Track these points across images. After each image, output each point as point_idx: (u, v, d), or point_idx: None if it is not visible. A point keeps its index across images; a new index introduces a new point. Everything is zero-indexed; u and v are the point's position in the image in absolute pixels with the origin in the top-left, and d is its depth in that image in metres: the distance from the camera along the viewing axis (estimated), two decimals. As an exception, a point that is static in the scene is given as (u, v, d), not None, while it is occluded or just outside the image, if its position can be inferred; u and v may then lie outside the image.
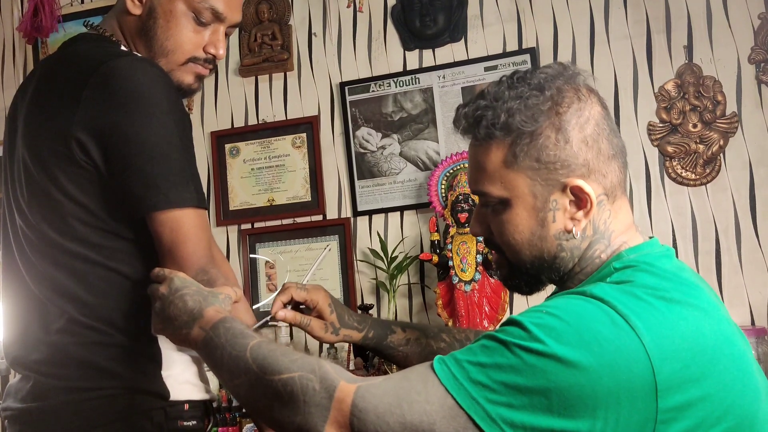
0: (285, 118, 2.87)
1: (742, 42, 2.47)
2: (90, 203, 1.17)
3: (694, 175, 2.47)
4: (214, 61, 1.31)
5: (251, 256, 2.83)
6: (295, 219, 2.82)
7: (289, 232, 2.82)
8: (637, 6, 2.57)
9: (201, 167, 1.24)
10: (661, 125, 2.51)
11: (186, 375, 1.23)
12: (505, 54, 2.66)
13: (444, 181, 2.57)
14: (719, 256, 2.44)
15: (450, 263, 2.45)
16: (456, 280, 2.43)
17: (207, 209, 1.20)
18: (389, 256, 2.61)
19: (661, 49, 2.54)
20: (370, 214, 2.75)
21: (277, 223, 2.84)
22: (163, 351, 1.20)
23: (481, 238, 2.37)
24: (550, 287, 1.10)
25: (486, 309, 2.41)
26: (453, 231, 2.49)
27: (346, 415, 0.91)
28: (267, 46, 2.88)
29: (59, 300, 1.18)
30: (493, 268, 1.78)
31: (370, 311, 2.57)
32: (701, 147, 2.46)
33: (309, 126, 2.83)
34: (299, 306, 1.30)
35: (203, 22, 1.27)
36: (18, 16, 3.14)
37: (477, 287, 2.42)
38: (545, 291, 1.10)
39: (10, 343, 1.26)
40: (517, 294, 2.53)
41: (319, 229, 2.79)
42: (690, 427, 0.87)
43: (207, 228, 1.18)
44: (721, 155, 2.45)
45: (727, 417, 0.89)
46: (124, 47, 1.28)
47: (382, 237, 2.69)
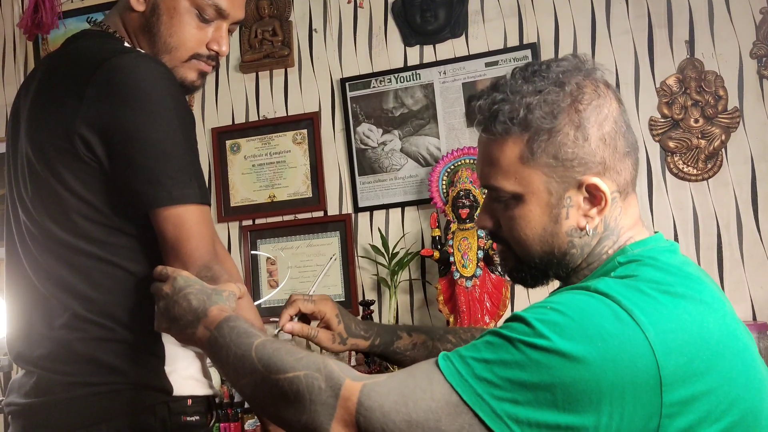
0: (286, 114, 2.86)
1: (743, 37, 2.46)
2: (93, 199, 1.17)
3: (695, 170, 2.46)
4: (217, 58, 1.31)
5: (252, 252, 2.83)
6: (296, 215, 2.82)
7: (290, 229, 2.82)
8: (639, 1, 2.56)
9: (202, 164, 1.24)
10: (662, 120, 2.51)
11: (189, 370, 1.24)
12: (507, 49, 2.65)
13: (445, 177, 2.57)
14: (721, 251, 2.44)
15: (451, 259, 2.45)
16: (457, 275, 2.43)
17: (210, 205, 1.20)
18: (390, 252, 2.61)
19: (663, 44, 2.53)
20: (371, 210, 2.75)
21: (278, 219, 2.84)
22: (167, 346, 1.21)
23: (482, 233, 2.40)
24: (555, 281, 1.10)
25: (487, 305, 2.41)
26: (454, 227, 2.48)
27: (352, 413, 0.91)
28: (267, 42, 2.87)
29: (63, 296, 1.19)
30: (498, 259, 1.77)
31: (371, 307, 2.57)
32: (703, 142, 2.46)
33: (310, 122, 2.82)
34: (306, 317, 1.31)
35: (206, 18, 1.27)
36: (18, 12, 3.14)
37: (478, 283, 2.41)
38: (548, 285, 1.09)
39: (14, 339, 1.26)
40: (519, 289, 2.57)
41: (320, 225, 2.79)
42: (695, 421, 0.87)
43: (210, 224, 1.18)
44: (723, 150, 2.45)
45: (732, 411, 0.89)
46: (127, 44, 1.28)
47: (383, 233, 2.69)
